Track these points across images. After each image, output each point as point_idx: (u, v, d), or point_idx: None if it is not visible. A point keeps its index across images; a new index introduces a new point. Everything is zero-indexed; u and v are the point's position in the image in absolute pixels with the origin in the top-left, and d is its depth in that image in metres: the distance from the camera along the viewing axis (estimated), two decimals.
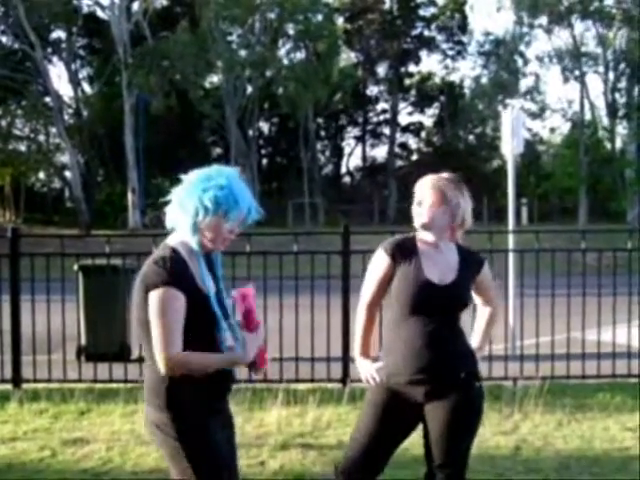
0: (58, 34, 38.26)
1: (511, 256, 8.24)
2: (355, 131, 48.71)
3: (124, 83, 33.30)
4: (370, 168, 48.22)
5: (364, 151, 48.62)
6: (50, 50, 37.62)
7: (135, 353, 7.21)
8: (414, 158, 48.29)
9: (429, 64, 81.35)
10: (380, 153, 53.29)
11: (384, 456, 3.42)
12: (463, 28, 43.23)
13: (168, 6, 40.10)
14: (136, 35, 34.03)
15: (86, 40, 40.35)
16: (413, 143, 49.18)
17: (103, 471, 5.00)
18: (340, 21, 41.25)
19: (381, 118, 47.49)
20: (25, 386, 7.08)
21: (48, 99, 35.92)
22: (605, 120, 38.78)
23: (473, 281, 3.41)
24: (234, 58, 34.30)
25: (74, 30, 36.39)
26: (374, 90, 46.58)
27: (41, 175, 45.05)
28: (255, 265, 7.15)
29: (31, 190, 43.34)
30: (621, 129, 39.25)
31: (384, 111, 46.76)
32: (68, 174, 38.35)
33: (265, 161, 46.22)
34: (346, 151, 49.45)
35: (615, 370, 7.22)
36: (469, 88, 43.24)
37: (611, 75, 37.86)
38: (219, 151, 44.17)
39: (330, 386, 7.00)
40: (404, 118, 53.85)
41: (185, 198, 2.77)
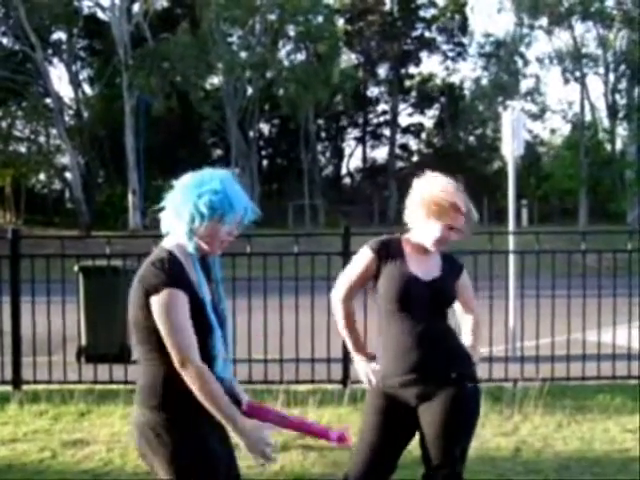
0: (59, 35, 38.34)
1: (511, 257, 8.25)
2: (355, 132, 48.78)
3: (125, 84, 33.31)
4: (370, 169, 48.24)
5: (364, 152, 48.70)
6: (51, 51, 37.65)
7: (135, 354, 7.20)
8: (414, 159, 48.31)
9: (429, 65, 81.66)
10: (380, 154, 53.42)
11: (389, 464, 3.40)
12: (463, 29, 43.25)
13: (169, 7, 40.13)
14: (137, 36, 34.05)
15: (87, 41, 40.39)
16: (413, 144, 49.31)
17: (103, 472, 5.00)
18: (341, 22, 41.25)
19: (381, 119, 47.54)
20: (25, 387, 7.08)
21: (49, 100, 35.93)
22: (605, 121, 38.81)
23: (455, 283, 3.41)
24: (235, 59, 34.30)
25: (75, 31, 36.42)
26: (374, 91, 46.69)
27: (41, 176, 45.08)
28: (255, 266, 7.16)
29: (31, 191, 43.32)
30: (621, 130, 39.29)
31: (384, 112, 46.81)
32: (68, 175, 38.37)
33: (265, 162, 46.25)
34: (346, 152, 49.58)
35: (615, 371, 7.22)
36: (469, 89, 43.26)
37: (611, 76, 37.88)
38: (219, 152, 44.18)
39: (330, 387, 7.01)
40: (404, 119, 54.16)
41: (180, 204, 2.74)
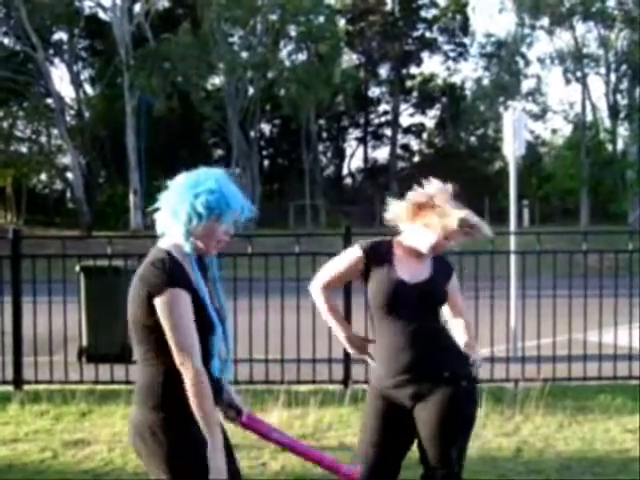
0: (60, 36, 38.36)
1: (512, 258, 8.24)
2: (357, 132, 48.79)
3: (126, 85, 33.31)
4: (372, 169, 48.24)
5: (366, 152, 48.69)
6: (52, 52, 37.67)
7: (135, 354, 7.19)
8: (416, 160, 48.36)
9: (431, 66, 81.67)
10: (382, 154, 53.38)
11: (392, 466, 3.40)
12: (465, 30, 43.26)
13: (170, 8, 40.17)
14: (138, 37, 34.06)
15: (88, 42, 40.44)
16: (415, 144, 49.33)
17: (104, 472, 5.00)
18: (342, 23, 41.25)
19: (383, 120, 47.56)
20: (26, 387, 7.09)
21: (50, 100, 35.96)
22: (607, 122, 38.75)
23: (446, 285, 3.41)
24: (236, 60, 34.30)
25: (76, 32, 36.46)
26: (376, 92, 46.70)
27: (43, 177, 45.15)
28: (257, 266, 7.16)
29: (33, 192, 43.39)
30: (622, 131, 39.24)
31: (386, 112, 46.83)
32: (70, 175, 38.41)
33: (267, 163, 46.27)
34: (348, 152, 49.59)
35: (616, 372, 7.22)
36: (471, 90, 43.22)
37: (613, 77, 37.85)
38: (221, 152, 44.19)
39: (332, 387, 7.01)
40: (406, 120, 54.11)
41: (177, 205, 2.73)
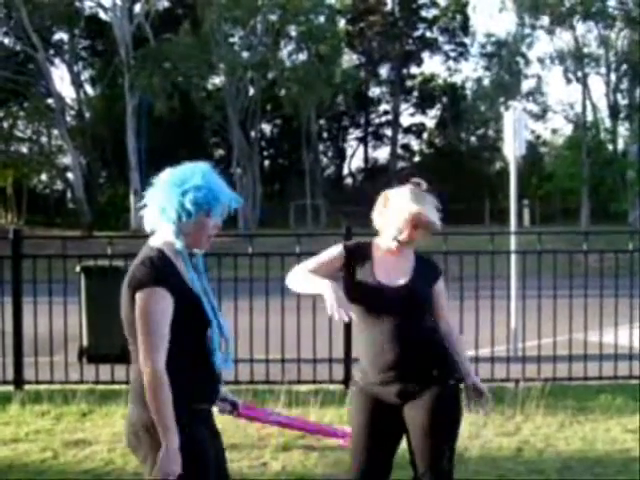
0: (60, 36, 38.39)
1: (513, 257, 8.24)
2: (357, 132, 48.79)
3: (126, 85, 33.33)
4: (372, 169, 48.21)
5: (366, 152, 48.71)
6: (52, 52, 37.68)
7: None
8: (416, 159, 48.34)
9: (431, 66, 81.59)
10: (382, 154, 53.30)
11: (384, 463, 3.41)
12: (465, 29, 43.25)
13: (170, 8, 40.17)
14: (138, 37, 34.06)
15: (88, 42, 40.46)
16: (415, 144, 49.31)
17: (105, 472, 5.01)
18: (342, 23, 41.25)
19: (383, 119, 47.57)
20: (27, 387, 7.09)
21: (50, 101, 35.97)
22: (607, 121, 38.69)
23: (430, 288, 3.39)
24: (236, 60, 34.30)
25: (76, 32, 36.52)
26: (376, 91, 46.70)
27: (43, 177, 45.14)
28: (257, 266, 7.16)
29: (33, 192, 43.40)
30: (623, 130, 39.19)
31: (386, 112, 46.83)
32: (70, 176, 38.40)
33: (267, 163, 46.26)
34: (348, 152, 49.58)
35: (617, 372, 7.22)
36: (471, 89, 43.16)
37: (613, 76, 37.81)
38: (221, 153, 44.19)
39: (332, 387, 7.01)
40: (406, 119, 53.96)
41: (165, 203, 2.74)
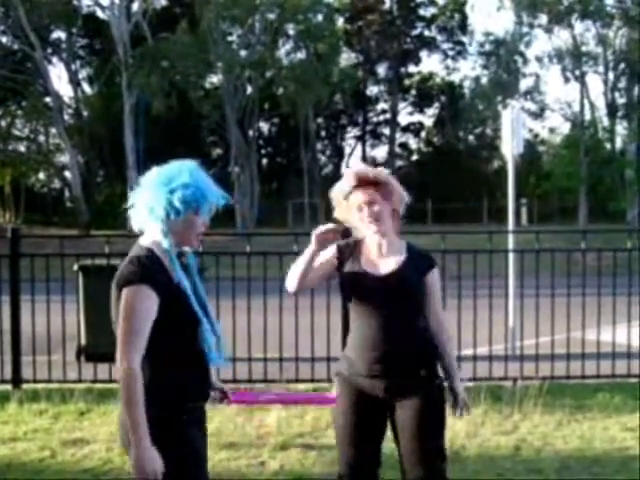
0: (58, 34, 38.31)
1: (511, 256, 8.25)
2: (355, 131, 48.76)
3: (124, 83, 33.31)
4: None
5: (364, 151, 48.64)
6: (50, 50, 37.61)
7: None
8: (414, 158, 48.37)
9: (429, 64, 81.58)
10: (380, 153, 53.20)
11: (371, 457, 3.42)
12: (463, 28, 43.25)
13: (168, 6, 40.13)
14: (136, 35, 34.02)
15: (86, 40, 40.38)
16: (413, 143, 49.31)
17: (103, 471, 5.00)
18: (340, 21, 41.24)
19: (381, 118, 47.54)
20: (25, 386, 7.08)
21: (48, 99, 35.92)
22: (605, 120, 38.72)
23: (422, 280, 3.38)
24: (234, 58, 34.27)
25: (74, 30, 36.42)
26: (374, 90, 46.68)
27: (41, 175, 45.08)
28: (255, 265, 7.16)
29: (31, 190, 43.35)
30: (621, 129, 39.20)
31: (384, 111, 46.82)
32: (68, 174, 38.37)
33: (265, 161, 46.24)
34: (346, 151, 49.53)
35: (615, 370, 7.22)
36: (469, 88, 43.20)
37: (611, 75, 37.83)
38: (219, 151, 44.19)
39: (330, 386, 7.00)
40: (404, 118, 53.97)
41: (153, 202, 2.74)
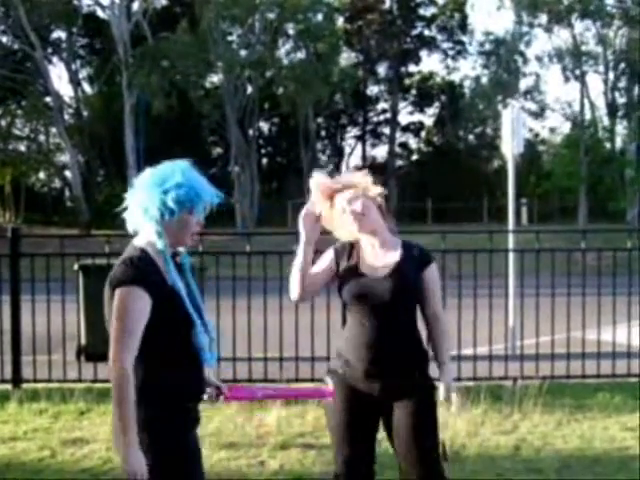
0: (58, 34, 38.28)
1: (511, 256, 8.25)
2: (355, 131, 48.72)
3: (124, 83, 33.30)
4: (370, 168, 47.29)
5: (364, 151, 48.65)
6: (50, 50, 37.59)
7: None
8: (414, 158, 48.34)
9: (429, 64, 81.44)
10: (380, 153, 53.24)
11: (368, 457, 3.43)
12: (463, 28, 43.21)
13: (168, 6, 40.10)
14: (136, 35, 34.02)
15: (86, 40, 40.36)
16: (413, 143, 49.25)
17: (102, 471, 5.01)
18: (340, 21, 41.20)
19: (381, 118, 47.49)
20: (25, 386, 7.08)
21: (48, 99, 35.90)
22: (605, 120, 38.69)
23: (419, 276, 3.37)
24: (234, 58, 34.26)
25: (74, 30, 36.40)
26: (374, 90, 46.63)
27: (41, 175, 45.04)
28: (255, 265, 7.16)
29: (31, 190, 43.30)
30: (621, 129, 39.17)
31: (384, 111, 46.77)
32: (68, 174, 38.36)
33: (265, 161, 46.22)
34: (346, 151, 49.51)
35: (615, 370, 7.22)
36: (469, 88, 43.15)
37: (611, 75, 37.80)
38: (219, 151, 44.16)
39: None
40: (404, 118, 54.03)
41: (147, 203, 2.74)
